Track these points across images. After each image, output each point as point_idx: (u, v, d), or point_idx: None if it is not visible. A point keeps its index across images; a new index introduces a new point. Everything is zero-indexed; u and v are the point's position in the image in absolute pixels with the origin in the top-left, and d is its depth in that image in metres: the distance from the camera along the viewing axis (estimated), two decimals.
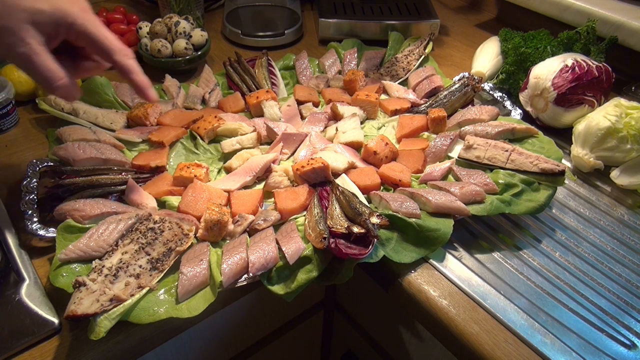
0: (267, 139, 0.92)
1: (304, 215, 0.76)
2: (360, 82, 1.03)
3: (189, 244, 0.69)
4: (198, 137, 0.89)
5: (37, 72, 0.58)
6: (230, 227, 0.72)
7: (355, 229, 0.68)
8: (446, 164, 0.85)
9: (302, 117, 0.97)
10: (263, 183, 0.81)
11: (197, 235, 0.71)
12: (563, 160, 0.85)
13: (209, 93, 1.01)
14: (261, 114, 0.96)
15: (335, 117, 0.96)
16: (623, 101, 0.89)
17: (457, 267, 0.73)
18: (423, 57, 1.12)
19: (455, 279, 0.71)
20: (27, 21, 0.56)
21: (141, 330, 0.63)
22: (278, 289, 0.67)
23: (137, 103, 0.95)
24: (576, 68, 0.93)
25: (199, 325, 0.70)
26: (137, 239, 0.68)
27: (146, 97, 0.66)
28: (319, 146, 0.88)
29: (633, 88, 1.11)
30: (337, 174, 0.83)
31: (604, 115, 0.87)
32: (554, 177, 0.80)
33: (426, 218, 0.74)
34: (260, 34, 1.22)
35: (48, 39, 0.58)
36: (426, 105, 1.00)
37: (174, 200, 0.76)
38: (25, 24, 0.56)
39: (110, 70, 1.08)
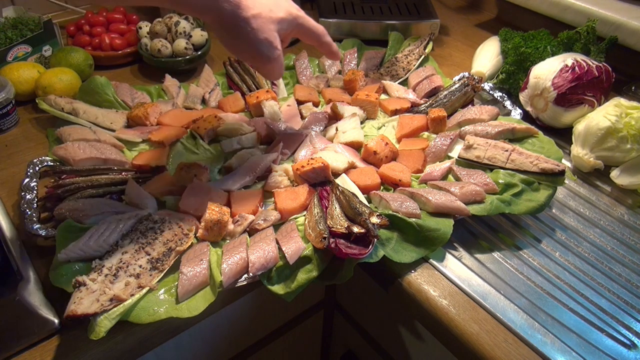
0: (267, 139, 0.92)
1: (304, 215, 0.76)
2: (360, 82, 1.03)
3: (189, 244, 0.69)
4: (198, 137, 0.89)
5: (277, 70, 0.70)
6: (230, 227, 0.72)
7: (355, 229, 0.68)
8: (446, 163, 0.85)
9: (302, 117, 0.97)
10: (263, 183, 0.81)
11: (197, 235, 0.71)
12: (563, 160, 0.85)
13: (209, 93, 1.01)
14: (261, 114, 0.96)
15: (335, 117, 0.96)
16: (623, 101, 0.89)
17: (457, 267, 0.73)
18: (423, 57, 1.12)
19: (455, 279, 0.71)
20: (276, 30, 0.66)
21: (141, 330, 0.63)
22: (278, 289, 0.67)
23: (137, 103, 0.95)
24: (576, 68, 0.93)
25: (199, 325, 0.70)
26: (137, 238, 0.68)
27: (336, 57, 0.84)
28: (319, 146, 0.88)
29: (633, 88, 1.11)
30: (337, 174, 0.83)
31: (604, 115, 0.87)
32: (554, 177, 0.80)
33: (426, 218, 0.74)
34: None
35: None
36: (426, 105, 1.00)
37: (174, 200, 0.76)
38: (275, 33, 0.66)
39: (111, 70, 1.10)
